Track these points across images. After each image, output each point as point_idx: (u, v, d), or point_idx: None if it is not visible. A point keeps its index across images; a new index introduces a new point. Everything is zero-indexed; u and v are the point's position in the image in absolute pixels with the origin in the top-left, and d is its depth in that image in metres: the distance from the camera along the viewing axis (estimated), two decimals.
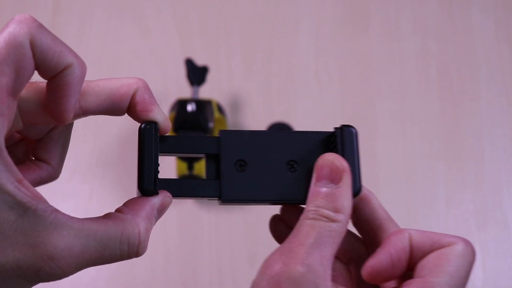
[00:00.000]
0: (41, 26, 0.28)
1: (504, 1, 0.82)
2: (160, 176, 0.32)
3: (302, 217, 0.32)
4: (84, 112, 0.32)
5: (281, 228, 0.36)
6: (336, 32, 0.80)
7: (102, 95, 0.32)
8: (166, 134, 0.34)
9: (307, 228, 0.31)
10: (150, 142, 0.32)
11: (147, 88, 0.33)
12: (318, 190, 0.32)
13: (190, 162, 0.67)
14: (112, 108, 0.32)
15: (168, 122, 0.33)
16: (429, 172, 0.74)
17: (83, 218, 0.29)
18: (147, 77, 0.78)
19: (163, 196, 0.33)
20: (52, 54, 0.28)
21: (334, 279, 0.31)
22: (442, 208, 0.72)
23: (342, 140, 0.34)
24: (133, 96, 0.32)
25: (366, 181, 0.85)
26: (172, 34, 0.80)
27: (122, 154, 0.73)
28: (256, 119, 0.75)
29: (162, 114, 0.33)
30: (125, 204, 0.32)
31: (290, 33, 0.81)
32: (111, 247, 0.29)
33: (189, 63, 0.72)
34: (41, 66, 0.28)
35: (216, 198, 0.34)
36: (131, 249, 0.30)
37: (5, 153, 0.26)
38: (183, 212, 0.70)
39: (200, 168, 0.67)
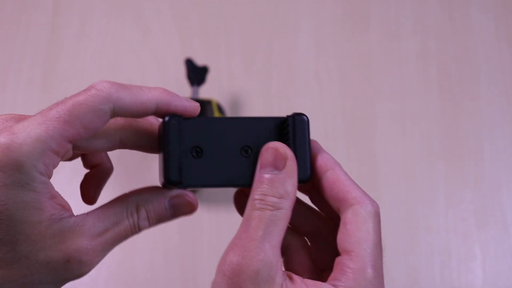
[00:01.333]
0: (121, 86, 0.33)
1: (504, 1, 0.82)
2: None
3: (250, 205, 0.34)
4: (124, 147, 0.37)
5: (245, 201, 0.37)
6: (336, 32, 0.80)
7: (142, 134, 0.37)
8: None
9: (256, 221, 0.33)
10: (175, 135, 0.35)
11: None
12: (262, 176, 0.34)
13: None
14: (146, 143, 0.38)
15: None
16: (429, 172, 0.74)
17: (95, 209, 0.34)
18: (147, 77, 0.78)
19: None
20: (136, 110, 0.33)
21: (287, 259, 0.35)
22: (441, 208, 0.72)
23: (294, 128, 0.36)
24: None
25: (365, 181, 0.85)
26: (172, 34, 0.80)
27: (122, 155, 0.73)
28: None
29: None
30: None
31: (290, 33, 0.81)
32: (121, 223, 0.35)
33: (189, 63, 0.72)
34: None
35: None
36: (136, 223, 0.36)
37: (50, 182, 0.32)
38: None
39: None
